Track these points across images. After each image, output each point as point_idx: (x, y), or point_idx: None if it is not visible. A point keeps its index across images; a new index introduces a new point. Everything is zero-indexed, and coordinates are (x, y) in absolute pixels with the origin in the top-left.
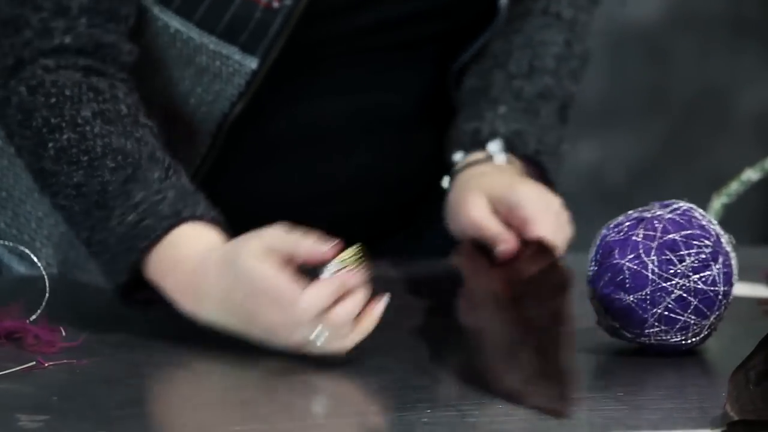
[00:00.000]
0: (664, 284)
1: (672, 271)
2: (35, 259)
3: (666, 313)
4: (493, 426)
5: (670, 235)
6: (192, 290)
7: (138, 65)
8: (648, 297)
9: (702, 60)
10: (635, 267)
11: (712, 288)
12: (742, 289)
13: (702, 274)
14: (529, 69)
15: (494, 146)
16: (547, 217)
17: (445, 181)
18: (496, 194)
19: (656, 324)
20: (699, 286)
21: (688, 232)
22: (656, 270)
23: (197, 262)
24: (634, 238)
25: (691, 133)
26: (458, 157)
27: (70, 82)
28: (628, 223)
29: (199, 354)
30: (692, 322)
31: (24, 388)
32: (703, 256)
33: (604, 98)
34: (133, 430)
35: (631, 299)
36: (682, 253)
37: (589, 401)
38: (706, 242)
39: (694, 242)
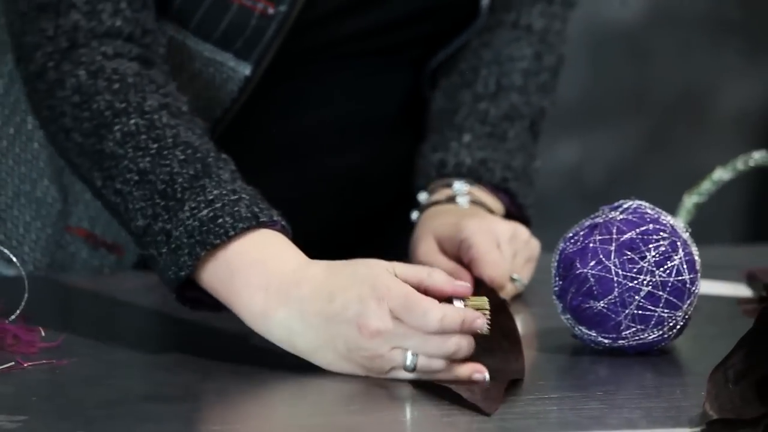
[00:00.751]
0: (631, 284)
1: (636, 270)
2: (13, 258)
3: (638, 311)
4: (472, 425)
5: (627, 235)
6: (274, 290)
7: None
8: (618, 299)
9: (682, 60)
10: (599, 273)
11: (678, 278)
12: (721, 288)
13: (666, 267)
14: (497, 88)
15: (459, 187)
16: (491, 255)
17: (414, 215)
18: (444, 234)
19: (631, 324)
20: (665, 279)
21: (643, 228)
22: (620, 272)
23: (289, 266)
24: (591, 245)
25: (672, 132)
26: (422, 197)
27: (132, 71)
28: (582, 232)
29: (180, 353)
30: (666, 315)
31: (3, 389)
32: (663, 249)
33: (584, 98)
34: (113, 430)
35: (602, 305)
36: (641, 250)
37: (568, 400)
38: (663, 234)
39: (652, 237)
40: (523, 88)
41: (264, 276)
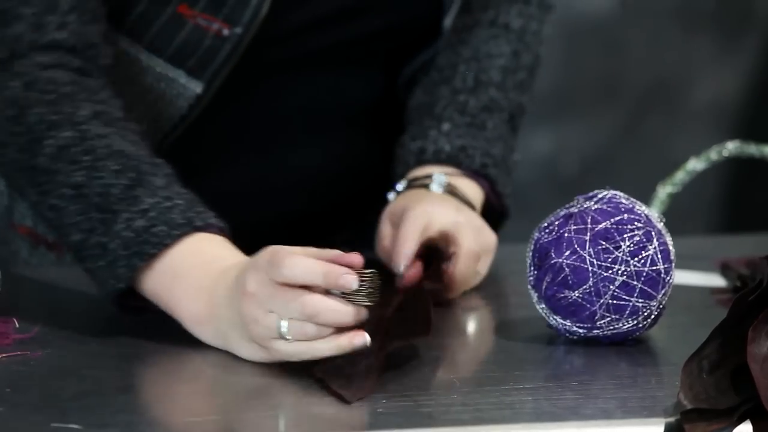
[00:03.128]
0: (605, 273)
1: (611, 260)
2: None
3: (613, 301)
4: (448, 416)
5: (601, 225)
6: (206, 296)
7: None
8: (592, 289)
9: (655, 50)
10: (574, 263)
11: (652, 268)
12: (695, 278)
13: (640, 256)
14: (475, 83)
15: (439, 177)
16: (405, 230)
17: (390, 196)
18: (395, 216)
19: (606, 314)
20: (640, 269)
21: (618, 218)
22: (595, 261)
23: (223, 267)
24: (566, 235)
25: (645, 123)
26: (400, 185)
27: (67, 80)
28: (557, 222)
29: (154, 345)
30: (641, 305)
31: None
32: (638, 239)
33: (557, 88)
34: (87, 421)
35: (577, 295)
36: (616, 239)
37: (543, 390)
38: (638, 224)
39: (626, 227)
40: (501, 84)
41: (201, 280)
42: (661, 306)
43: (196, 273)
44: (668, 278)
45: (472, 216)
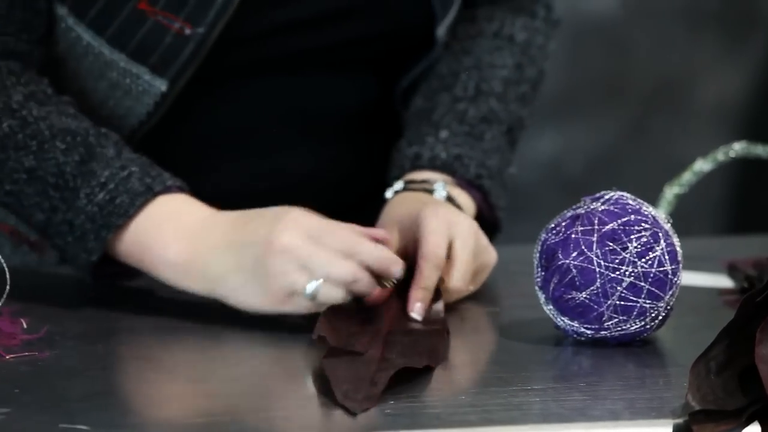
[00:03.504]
0: (612, 275)
1: (618, 261)
2: None
3: (620, 302)
4: (455, 417)
5: (608, 226)
6: (189, 238)
7: (55, 73)
8: (600, 290)
9: (661, 51)
10: (581, 264)
11: (660, 269)
12: (702, 279)
13: (648, 257)
14: (476, 92)
15: (439, 186)
16: (433, 236)
17: (388, 193)
18: (405, 226)
19: (613, 315)
20: (647, 270)
21: (625, 219)
22: (602, 263)
23: (198, 216)
24: (573, 236)
25: (650, 123)
26: (397, 185)
27: None
28: (564, 223)
29: (163, 346)
30: (648, 306)
31: None
32: (645, 240)
33: (562, 89)
34: (95, 422)
35: (584, 296)
36: (623, 241)
37: (550, 392)
38: (645, 225)
39: (633, 228)
40: (502, 96)
41: (175, 231)
42: (668, 307)
43: (170, 226)
44: (676, 279)
45: (481, 233)
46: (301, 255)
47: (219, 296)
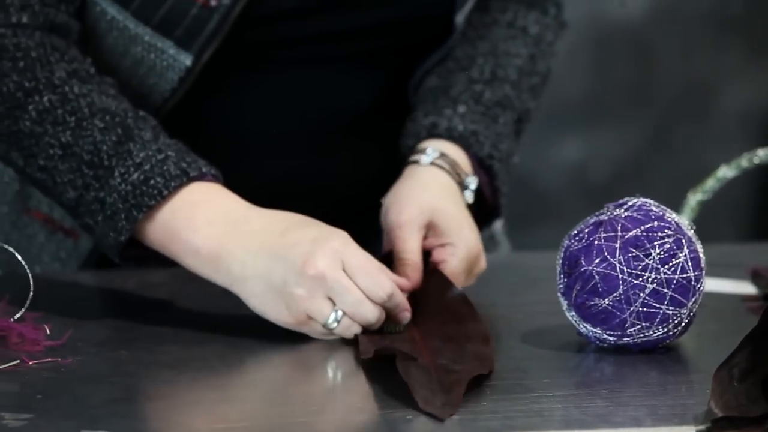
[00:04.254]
0: (635, 281)
1: (641, 267)
2: (20, 258)
3: (643, 309)
4: (477, 423)
5: (631, 233)
6: (220, 226)
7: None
8: (623, 297)
9: (686, 57)
10: (604, 270)
11: (683, 275)
12: (726, 285)
13: (671, 264)
14: (491, 76)
15: (430, 151)
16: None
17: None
18: (430, 218)
19: (636, 322)
20: (670, 276)
21: (648, 225)
22: (625, 269)
23: (231, 206)
24: (596, 242)
25: (675, 129)
26: (413, 156)
27: (33, 43)
28: (587, 230)
29: (185, 352)
30: (671, 312)
31: (8, 387)
32: (668, 246)
33: (588, 95)
34: (117, 428)
35: (607, 302)
36: (646, 247)
37: (573, 398)
38: (668, 232)
39: (656, 234)
40: (516, 83)
41: (206, 218)
42: (691, 313)
43: (202, 212)
44: (699, 286)
45: (470, 218)
46: (333, 287)
47: (236, 293)
